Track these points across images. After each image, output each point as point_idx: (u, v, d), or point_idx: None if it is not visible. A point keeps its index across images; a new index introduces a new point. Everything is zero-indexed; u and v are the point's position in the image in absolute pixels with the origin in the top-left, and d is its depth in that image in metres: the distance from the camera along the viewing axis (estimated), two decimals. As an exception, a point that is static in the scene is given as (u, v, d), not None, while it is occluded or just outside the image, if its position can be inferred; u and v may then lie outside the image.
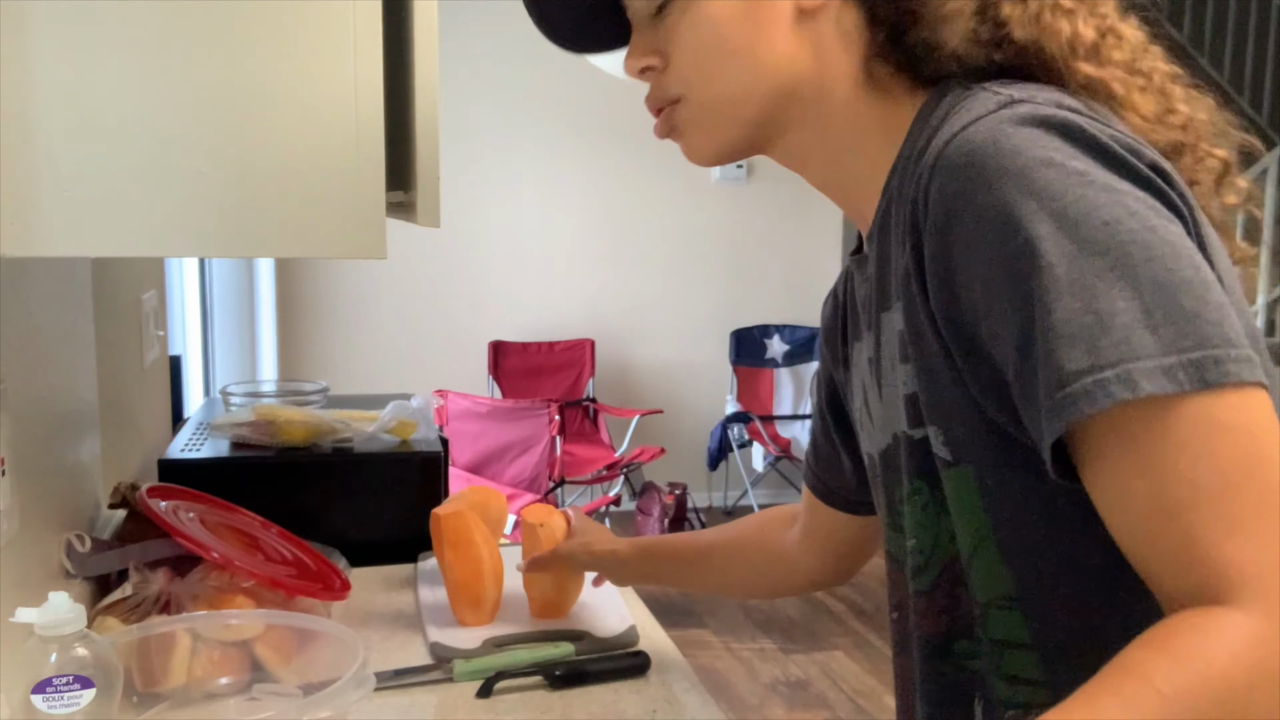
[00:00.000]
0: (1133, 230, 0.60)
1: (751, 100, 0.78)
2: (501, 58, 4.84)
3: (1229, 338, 0.58)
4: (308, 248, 0.83)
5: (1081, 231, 0.60)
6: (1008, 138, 0.63)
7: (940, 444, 0.70)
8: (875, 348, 0.80)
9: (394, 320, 4.88)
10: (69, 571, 1.23)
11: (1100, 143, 0.63)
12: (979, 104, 0.67)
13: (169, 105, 0.78)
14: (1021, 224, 0.61)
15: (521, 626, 1.31)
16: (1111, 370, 0.58)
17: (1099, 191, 0.61)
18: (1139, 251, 0.59)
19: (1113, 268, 0.59)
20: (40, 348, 1.21)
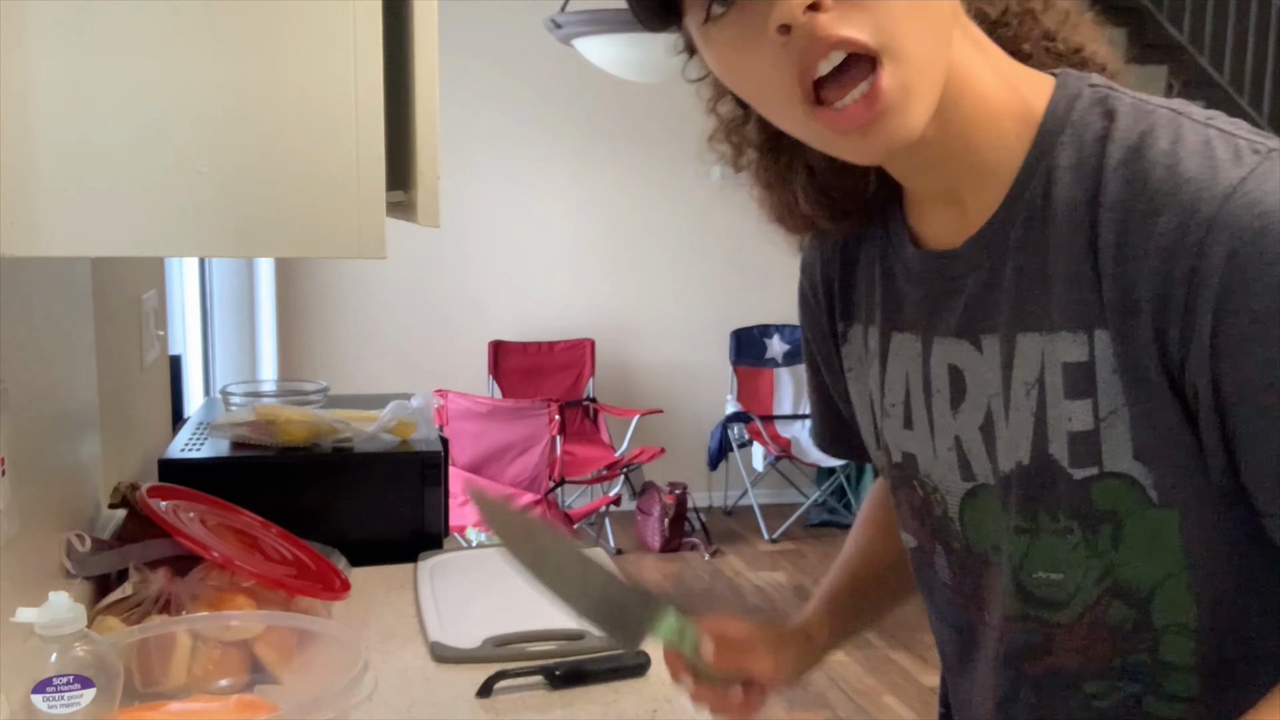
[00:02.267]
0: None
1: (942, 58, 0.67)
2: (501, 57, 4.84)
3: None
4: (308, 248, 0.83)
5: None
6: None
7: (1149, 486, 0.68)
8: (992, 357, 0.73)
9: (394, 320, 4.88)
10: (69, 571, 1.23)
11: None
12: (1232, 143, 0.64)
13: (169, 105, 0.78)
14: None
15: (521, 626, 1.31)
16: None
17: None
18: None
19: None
20: (40, 348, 1.21)
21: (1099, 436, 0.68)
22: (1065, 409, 0.69)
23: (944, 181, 0.74)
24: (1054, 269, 0.68)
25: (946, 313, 0.76)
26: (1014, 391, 0.72)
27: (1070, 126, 0.69)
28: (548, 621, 1.31)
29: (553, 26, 3.21)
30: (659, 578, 4.41)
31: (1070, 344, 0.68)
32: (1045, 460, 0.71)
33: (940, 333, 0.77)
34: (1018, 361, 0.71)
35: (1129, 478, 0.68)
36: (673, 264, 5.19)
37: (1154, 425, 0.66)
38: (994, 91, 0.70)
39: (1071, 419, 0.69)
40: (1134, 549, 0.70)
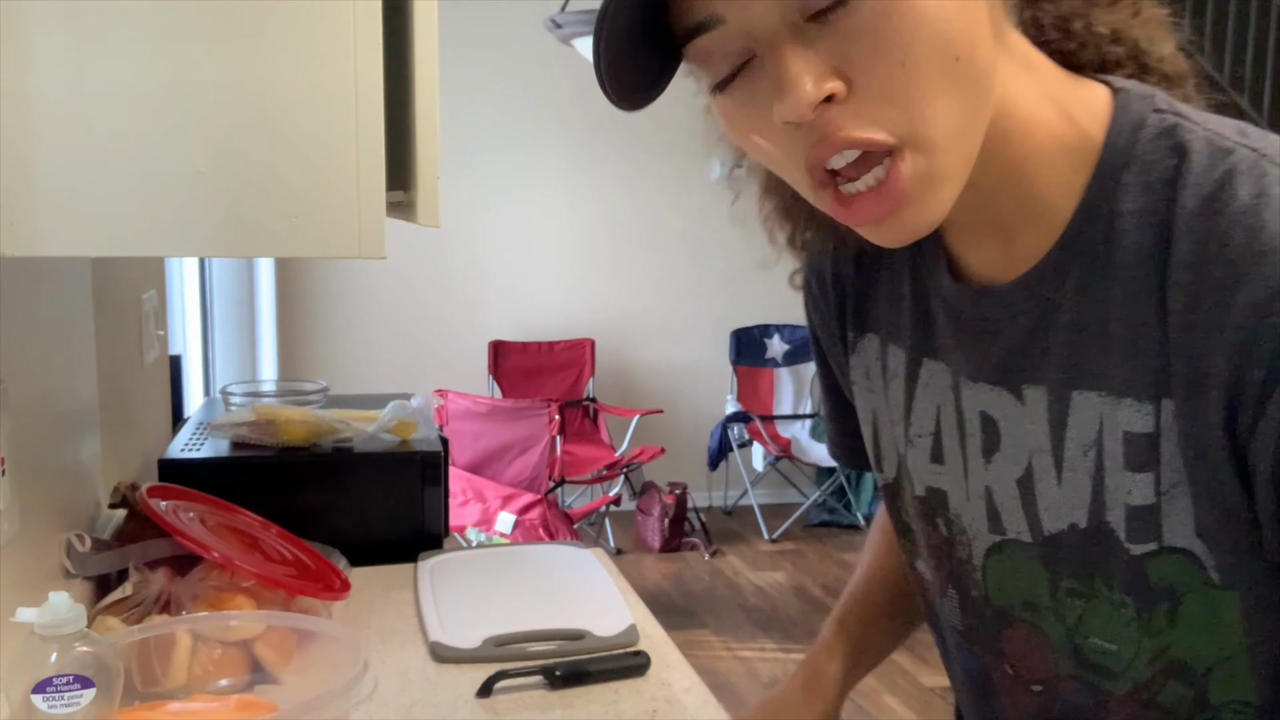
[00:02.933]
0: None
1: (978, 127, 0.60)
2: (502, 58, 4.84)
3: None
4: (308, 248, 0.83)
5: None
6: None
7: (1211, 566, 0.63)
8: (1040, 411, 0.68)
9: (394, 320, 4.88)
10: (69, 571, 1.23)
11: None
12: None
13: (169, 105, 0.78)
14: None
15: (521, 626, 1.31)
16: None
17: None
18: None
19: None
20: (40, 348, 1.21)
21: (1160, 512, 0.63)
22: (1124, 480, 0.64)
23: (991, 216, 0.67)
24: (1116, 327, 0.63)
25: (981, 356, 0.71)
26: (1068, 452, 0.67)
27: (1135, 162, 0.62)
28: (548, 621, 1.32)
29: (553, 26, 3.21)
30: (659, 578, 4.41)
31: (1134, 413, 0.63)
32: (1102, 528, 0.66)
33: (973, 376, 0.72)
34: (1072, 421, 0.66)
35: (1190, 553, 0.63)
36: (673, 264, 5.19)
37: (1216, 503, 0.61)
38: (1047, 122, 0.63)
39: (1131, 492, 0.64)
40: (1192, 628, 0.66)
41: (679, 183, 5.12)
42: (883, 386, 0.81)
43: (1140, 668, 0.68)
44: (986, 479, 0.72)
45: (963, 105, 0.57)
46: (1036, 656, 0.74)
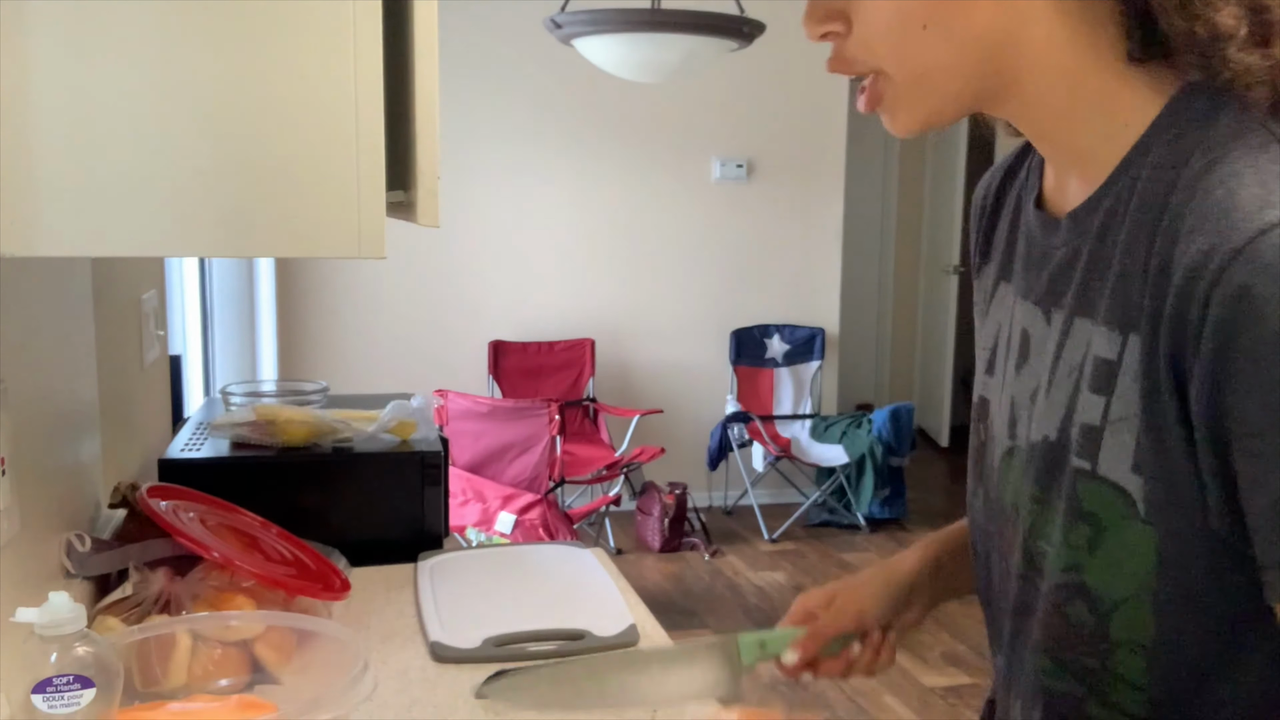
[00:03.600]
0: None
1: (954, 75, 0.72)
2: (501, 58, 4.84)
3: None
4: (308, 248, 0.83)
5: None
6: None
7: (1139, 499, 0.68)
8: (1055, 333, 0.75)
9: (394, 320, 4.88)
10: (69, 571, 1.23)
11: None
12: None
13: (169, 105, 0.78)
14: None
15: (521, 626, 1.31)
16: None
17: None
18: None
19: None
20: (40, 348, 1.21)
21: (1103, 437, 0.69)
22: (1086, 400, 0.71)
23: (1053, 155, 0.78)
24: (1117, 265, 0.69)
25: (1034, 278, 0.79)
26: (1059, 371, 0.74)
27: (1176, 127, 0.68)
28: (548, 621, 1.32)
29: (553, 26, 3.21)
30: (659, 578, 4.41)
31: (1106, 340, 0.69)
32: (1063, 440, 0.73)
33: (1025, 295, 0.80)
34: (1068, 344, 0.73)
35: (1120, 488, 0.68)
36: (673, 264, 5.19)
37: (1159, 442, 0.66)
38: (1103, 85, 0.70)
39: (1087, 411, 0.70)
40: (1107, 560, 0.71)
41: (680, 183, 5.12)
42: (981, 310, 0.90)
43: (1057, 574, 0.75)
44: (1014, 389, 0.80)
45: (933, 55, 0.71)
46: (1012, 553, 0.81)
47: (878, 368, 6.90)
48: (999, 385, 0.83)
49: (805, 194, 5.26)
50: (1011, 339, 0.81)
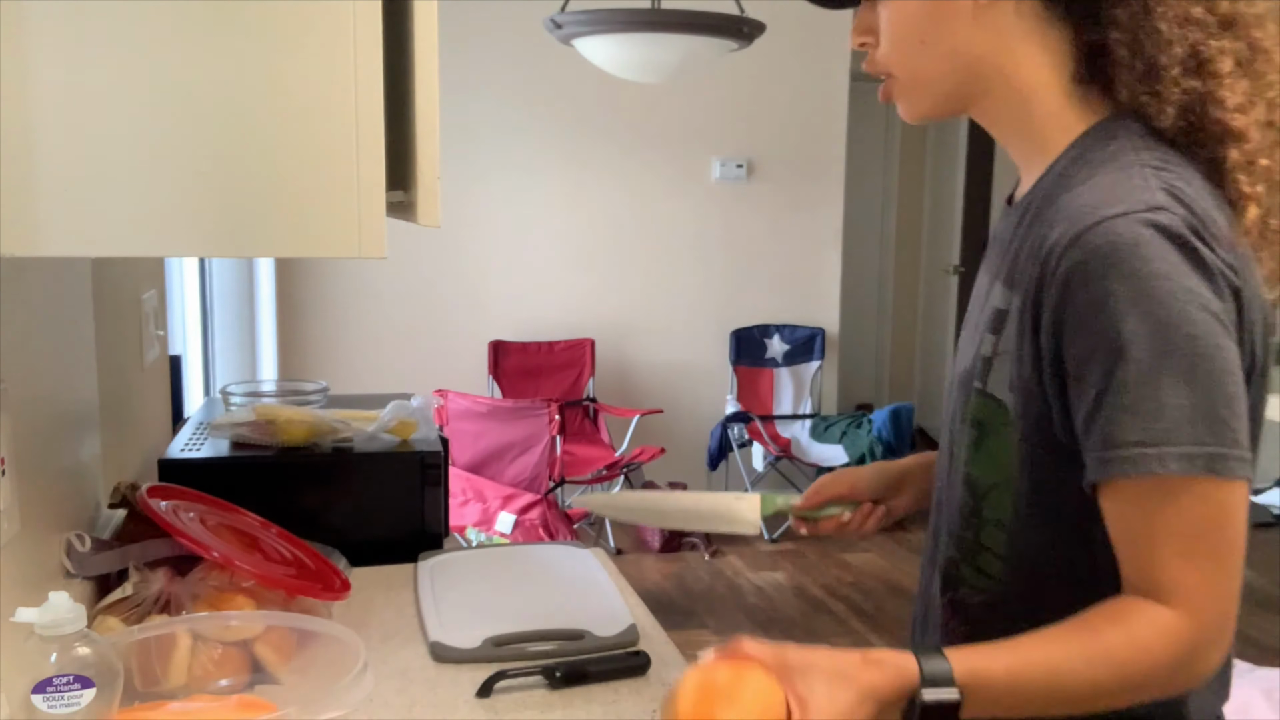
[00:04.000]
0: (1206, 346, 0.80)
1: (943, 80, 0.95)
2: (501, 58, 4.84)
3: (1240, 442, 0.81)
4: (308, 248, 0.83)
5: (1169, 336, 0.79)
6: (1139, 247, 0.80)
7: (1012, 409, 0.90)
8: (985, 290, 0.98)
9: (394, 320, 4.88)
10: (69, 571, 1.23)
11: (1208, 265, 0.81)
12: (1134, 192, 0.83)
13: (169, 105, 0.78)
14: (1126, 320, 0.80)
15: (521, 626, 1.31)
16: (1154, 449, 0.80)
17: (1195, 309, 0.80)
18: (1203, 364, 0.79)
19: (1181, 370, 0.79)
20: (40, 348, 1.21)
21: (992, 364, 0.92)
22: (985, 338, 0.94)
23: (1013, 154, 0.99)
24: (1020, 242, 0.91)
25: (994, 257, 0.99)
26: (980, 318, 0.96)
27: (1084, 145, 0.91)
28: (548, 621, 1.32)
29: (553, 26, 3.21)
30: (659, 578, 4.41)
31: (1001, 294, 0.92)
32: (973, 368, 0.95)
33: (986, 262, 1.01)
34: (988, 298, 0.96)
35: (1000, 401, 0.91)
36: (673, 264, 5.19)
37: (1025, 370, 0.88)
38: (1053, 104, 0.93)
39: (985, 346, 0.93)
40: (986, 455, 0.94)
41: (679, 183, 5.12)
42: None
43: (960, 463, 0.98)
44: (964, 339, 1.02)
45: (917, 65, 0.96)
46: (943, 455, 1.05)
47: (878, 368, 6.90)
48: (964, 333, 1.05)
49: (805, 194, 5.25)
50: (974, 297, 1.02)
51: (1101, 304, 0.80)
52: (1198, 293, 0.80)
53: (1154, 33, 0.86)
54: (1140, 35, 0.87)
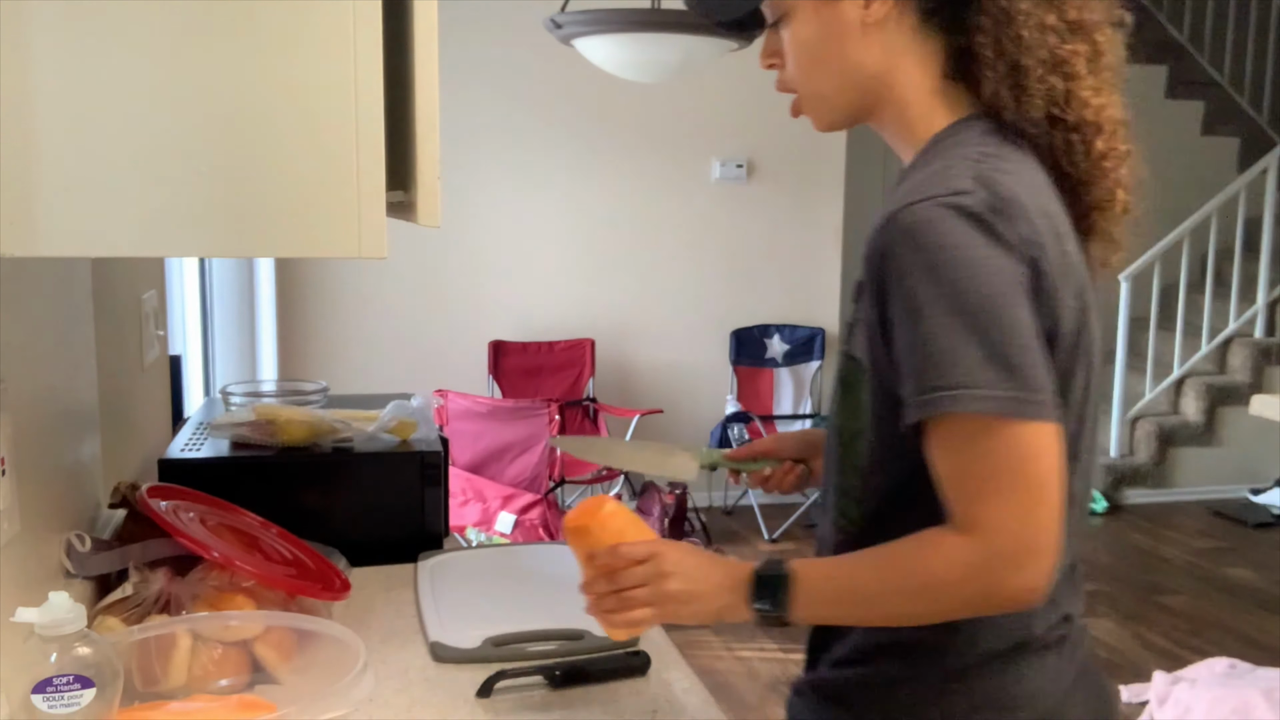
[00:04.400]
0: (995, 304, 0.91)
1: (840, 94, 1.07)
2: (501, 58, 4.84)
3: (1037, 386, 0.91)
4: (308, 248, 0.83)
5: (959, 297, 0.91)
6: (933, 224, 0.92)
7: (867, 367, 1.01)
8: None
9: (394, 320, 4.88)
10: (69, 571, 1.23)
11: (1004, 238, 0.92)
12: (945, 180, 0.95)
13: (169, 105, 0.78)
14: (921, 285, 0.92)
15: (521, 626, 1.31)
16: (950, 392, 0.91)
17: (985, 274, 0.91)
18: (994, 319, 0.90)
19: (973, 326, 0.90)
20: (40, 348, 1.21)
21: (854, 329, 1.02)
22: (849, 307, 1.05)
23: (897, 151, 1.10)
24: None
25: None
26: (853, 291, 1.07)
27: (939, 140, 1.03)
28: (548, 621, 1.32)
29: (553, 26, 3.21)
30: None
31: (860, 270, 1.01)
32: (843, 335, 1.06)
33: None
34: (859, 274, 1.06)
35: (858, 360, 1.01)
36: (673, 264, 5.19)
37: (874, 332, 0.98)
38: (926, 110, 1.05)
39: (849, 313, 1.04)
40: (849, 407, 1.04)
41: (679, 183, 5.12)
42: None
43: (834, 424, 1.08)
44: None
45: (817, 83, 1.07)
46: None
47: (878, 368, 6.89)
48: None
49: (805, 194, 5.25)
50: None
51: (904, 273, 0.93)
52: (989, 260, 0.92)
53: (1016, 38, 0.98)
54: (1004, 40, 0.98)
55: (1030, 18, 0.98)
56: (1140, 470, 5.35)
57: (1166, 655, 3.60)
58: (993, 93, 1.00)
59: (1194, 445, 5.41)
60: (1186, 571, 4.42)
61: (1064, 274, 0.96)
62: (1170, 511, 5.22)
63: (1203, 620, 3.91)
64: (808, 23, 1.04)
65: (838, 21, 1.03)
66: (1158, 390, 5.43)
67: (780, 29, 1.07)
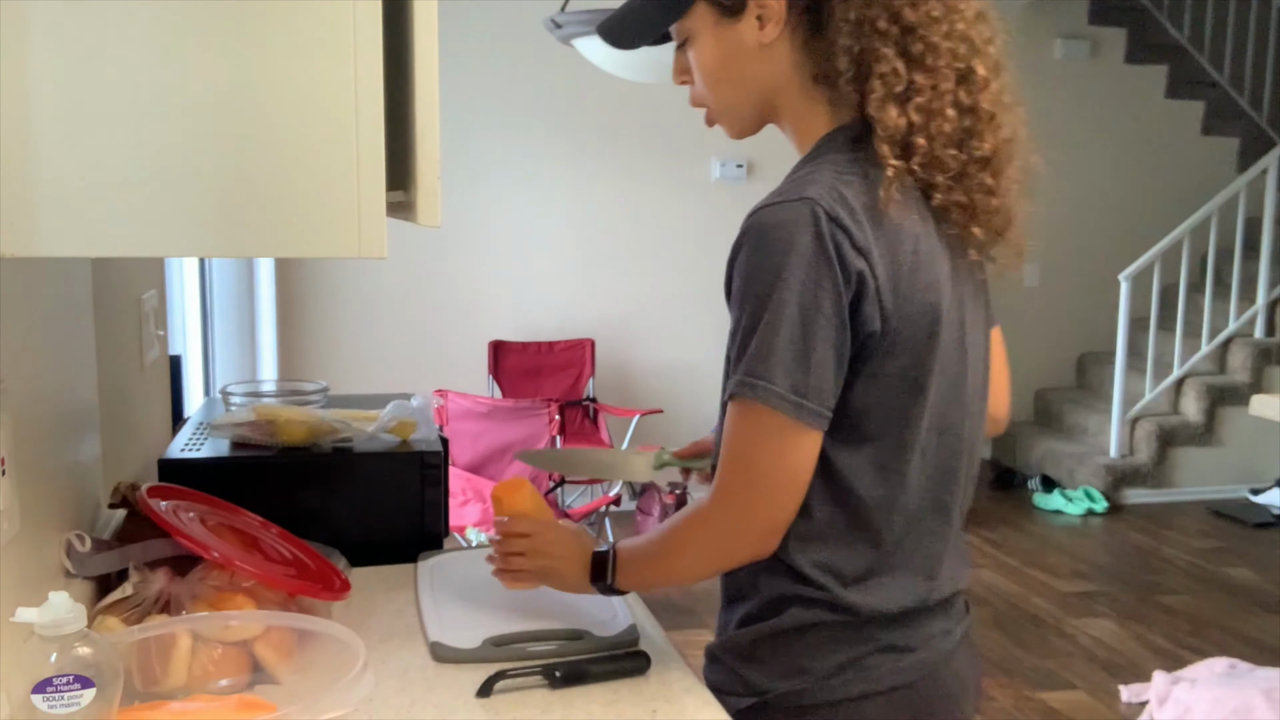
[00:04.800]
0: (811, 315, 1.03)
1: (744, 106, 1.19)
2: (501, 58, 4.84)
3: (818, 399, 1.05)
4: (308, 248, 0.83)
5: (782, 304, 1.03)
6: (782, 227, 1.03)
7: None
8: None
9: (394, 320, 4.88)
10: (69, 571, 1.23)
11: (828, 251, 1.02)
12: (803, 184, 1.06)
13: (169, 105, 0.78)
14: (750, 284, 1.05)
15: (521, 626, 1.31)
16: (756, 381, 1.04)
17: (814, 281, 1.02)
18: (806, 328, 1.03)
19: (769, 326, 1.03)
20: (40, 348, 1.21)
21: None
22: None
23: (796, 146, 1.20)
24: None
25: None
26: None
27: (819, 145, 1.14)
28: (548, 621, 1.32)
29: (553, 26, 3.21)
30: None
31: None
32: None
33: None
34: None
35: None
36: (673, 264, 5.19)
37: None
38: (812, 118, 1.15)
39: None
40: None
41: (679, 182, 5.12)
42: None
43: None
44: None
45: (724, 97, 1.18)
46: None
47: (878, 368, 6.90)
48: None
49: (805, 194, 5.26)
50: None
51: (744, 263, 1.06)
52: (815, 268, 1.02)
53: (869, 50, 1.08)
54: (862, 53, 1.08)
55: (877, 30, 1.08)
56: (1140, 470, 5.35)
57: (1166, 655, 3.60)
58: (857, 101, 1.10)
59: (1194, 445, 5.41)
60: (1186, 571, 4.42)
61: (910, 275, 1.06)
62: (1170, 511, 5.22)
63: (1203, 620, 3.91)
64: (710, 45, 1.15)
65: (737, 43, 1.13)
66: (1158, 390, 5.43)
67: (687, 50, 1.17)
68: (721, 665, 1.20)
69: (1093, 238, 5.87)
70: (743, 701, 1.16)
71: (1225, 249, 5.66)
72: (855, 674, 1.13)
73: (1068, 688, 3.37)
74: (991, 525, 5.00)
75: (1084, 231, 5.87)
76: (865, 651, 1.13)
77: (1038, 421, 6.02)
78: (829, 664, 1.13)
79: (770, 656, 1.16)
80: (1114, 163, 5.89)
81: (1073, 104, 5.76)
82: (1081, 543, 4.82)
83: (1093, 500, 5.17)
